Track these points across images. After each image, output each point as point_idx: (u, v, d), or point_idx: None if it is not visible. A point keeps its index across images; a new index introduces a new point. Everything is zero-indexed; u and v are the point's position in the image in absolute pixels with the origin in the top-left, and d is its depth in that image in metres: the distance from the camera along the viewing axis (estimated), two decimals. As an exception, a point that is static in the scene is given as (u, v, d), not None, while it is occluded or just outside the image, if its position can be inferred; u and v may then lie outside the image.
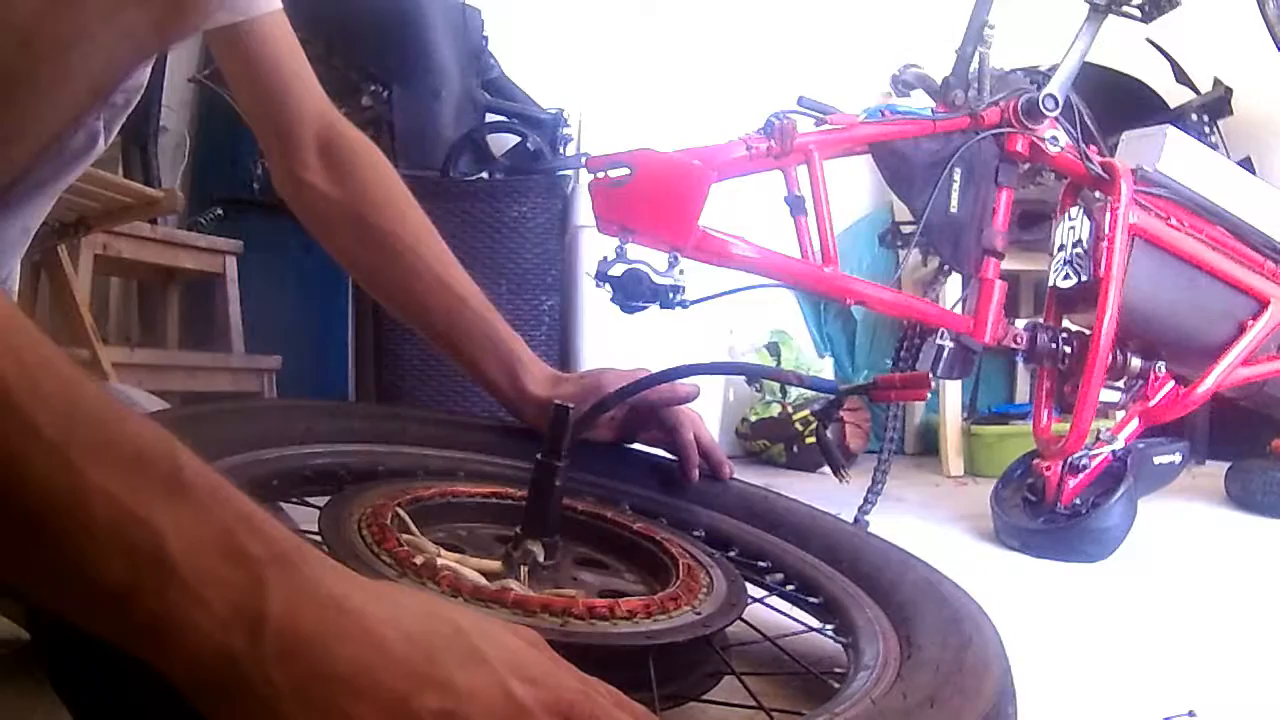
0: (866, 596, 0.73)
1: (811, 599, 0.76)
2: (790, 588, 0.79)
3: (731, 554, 0.81)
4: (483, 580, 0.61)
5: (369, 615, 0.35)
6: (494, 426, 0.94)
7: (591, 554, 0.75)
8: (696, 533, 0.84)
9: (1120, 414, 1.56)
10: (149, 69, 0.69)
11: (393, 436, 0.84)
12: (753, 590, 0.76)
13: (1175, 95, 2.43)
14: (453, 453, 0.86)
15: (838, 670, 0.68)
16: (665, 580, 0.68)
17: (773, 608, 0.79)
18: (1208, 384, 1.49)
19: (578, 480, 0.81)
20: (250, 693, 0.32)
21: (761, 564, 0.82)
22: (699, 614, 0.62)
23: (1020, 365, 2.72)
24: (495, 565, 0.65)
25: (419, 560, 0.58)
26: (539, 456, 0.68)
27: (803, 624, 0.76)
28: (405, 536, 0.62)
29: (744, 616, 0.69)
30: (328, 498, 0.68)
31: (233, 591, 0.33)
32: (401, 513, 0.66)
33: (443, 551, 0.63)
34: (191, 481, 0.34)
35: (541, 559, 0.66)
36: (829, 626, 0.73)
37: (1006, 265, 1.53)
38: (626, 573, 0.73)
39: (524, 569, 0.65)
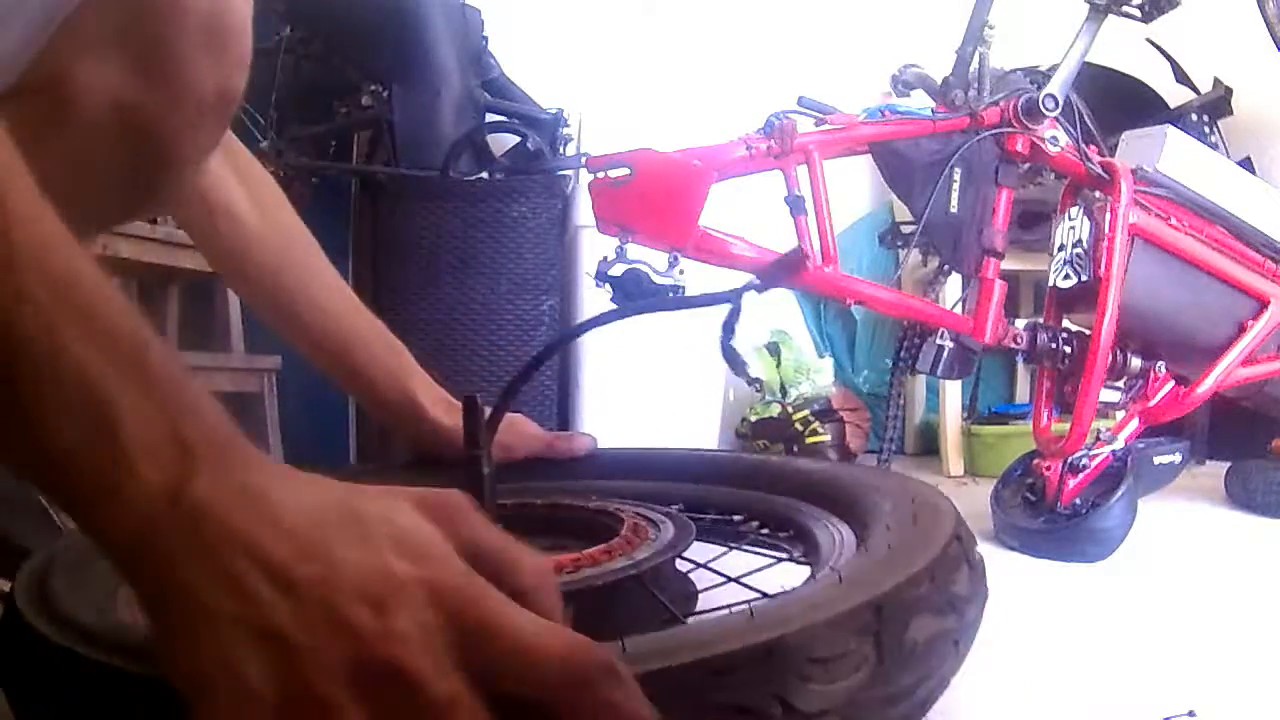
0: (836, 518, 0.73)
1: (781, 534, 0.77)
2: (764, 531, 0.79)
3: (710, 515, 0.83)
4: None
5: (272, 490, 0.37)
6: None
7: (544, 540, 0.74)
8: (676, 506, 0.84)
9: (1120, 414, 1.56)
10: None
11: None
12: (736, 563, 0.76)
13: (1175, 95, 2.43)
14: None
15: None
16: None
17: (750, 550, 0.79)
18: (1208, 384, 1.49)
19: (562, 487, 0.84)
20: (157, 556, 0.35)
21: (736, 517, 0.83)
22: (632, 560, 0.62)
23: (1020, 365, 2.72)
24: None
25: None
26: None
27: (772, 557, 0.77)
28: None
29: (716, 567, 0.70)
30: None
31: (166, 471, 0.36)
32: None
33: None
34: (155, 367, 0.37)
35: None
36: (795, 554, 0.74)
37: (1006, 265, 1.53)
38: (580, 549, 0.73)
39: None
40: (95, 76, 0.55)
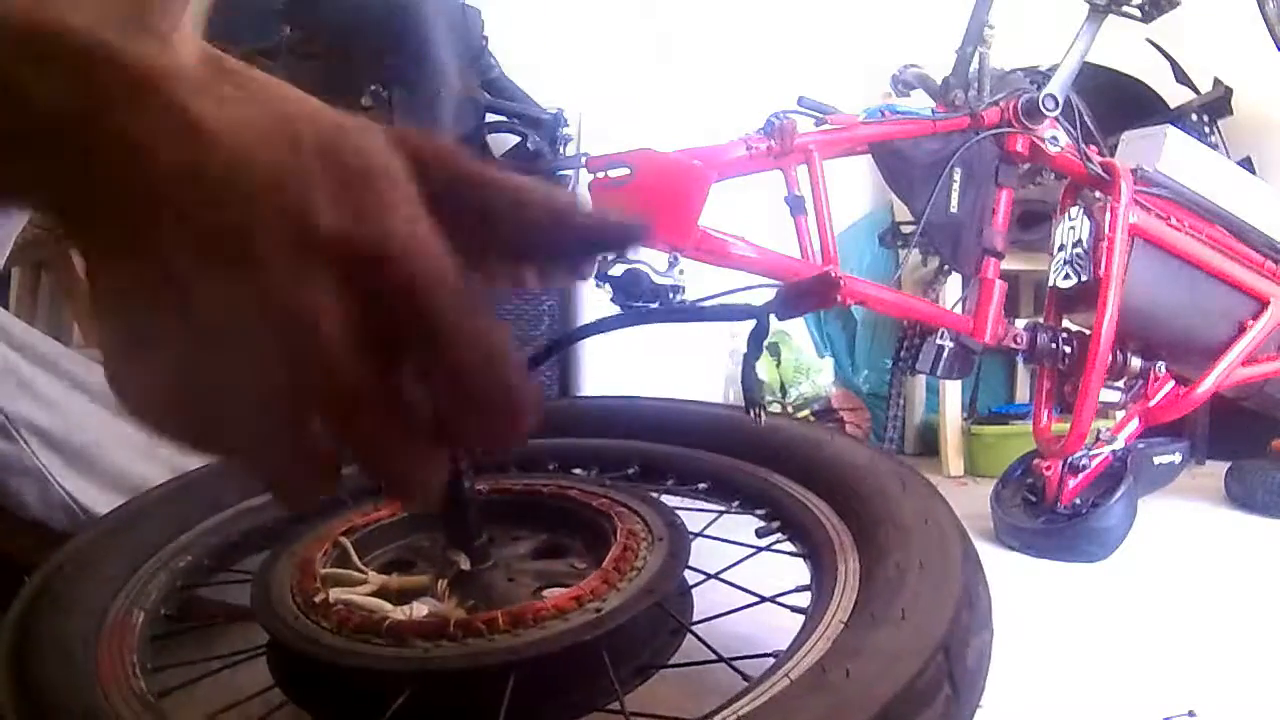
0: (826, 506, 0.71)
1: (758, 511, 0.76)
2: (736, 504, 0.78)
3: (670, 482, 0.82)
4: (385, 608, 0.60)
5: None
6: None
7: (528, 537, 0.73)
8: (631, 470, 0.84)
9: (1120, 414, 1.56)
10: None
11: None
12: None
13: (1175, 95, 2.43)
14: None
15: (798, 588, 0.65)
16: (605, 551, 0.65)
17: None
18: (1208, 384, 1.49)
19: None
20: (94, 115, 0.28)
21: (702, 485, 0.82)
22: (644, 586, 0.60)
23: (1020, 365, 2.72)
24: (422, 580, 0.64)
25: (317, 599, 0.59)
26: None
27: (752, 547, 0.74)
28: (330, 570, 0.63)
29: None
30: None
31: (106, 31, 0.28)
32: (345, 542, 0.66)
33: (370, 574, 0.64)
34: None
35: (466, 566, 0.64)
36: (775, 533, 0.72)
37: (1006, 265, 1.53)
38: (569, 548, 0.71)
39: (442, 583, 0.63)
40: None
